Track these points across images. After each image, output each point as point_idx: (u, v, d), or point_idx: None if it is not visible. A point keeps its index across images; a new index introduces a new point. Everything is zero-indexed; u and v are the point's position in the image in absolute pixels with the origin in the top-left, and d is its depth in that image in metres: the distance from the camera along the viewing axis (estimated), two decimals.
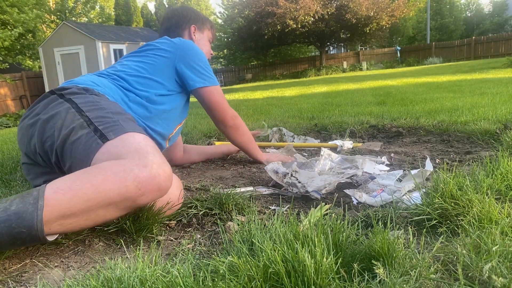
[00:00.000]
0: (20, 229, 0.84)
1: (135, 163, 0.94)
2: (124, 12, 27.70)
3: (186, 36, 1.71)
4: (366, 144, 2.18)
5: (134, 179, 0.92)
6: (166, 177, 0.98)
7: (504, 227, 0.83)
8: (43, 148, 1.12)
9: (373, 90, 6.15)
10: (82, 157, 1.03)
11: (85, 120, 1.09)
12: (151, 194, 0.96)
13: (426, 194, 1.05)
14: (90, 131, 1.06)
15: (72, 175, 0.94)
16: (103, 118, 1.10)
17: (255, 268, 0.71)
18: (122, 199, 0.92)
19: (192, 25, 1.71)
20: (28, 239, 0.86)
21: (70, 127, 1.08)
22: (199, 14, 1.77)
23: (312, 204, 1.24)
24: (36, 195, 0.87)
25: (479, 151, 1.82)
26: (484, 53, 19.97)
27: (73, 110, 1.13)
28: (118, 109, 1.21)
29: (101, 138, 1.04)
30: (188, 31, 1.71)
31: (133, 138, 1.05)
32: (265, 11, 18.41)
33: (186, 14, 1.72)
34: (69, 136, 1.07)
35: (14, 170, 1.96)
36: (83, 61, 14.62)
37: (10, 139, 3.60)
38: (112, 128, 1.07)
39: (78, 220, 0.91)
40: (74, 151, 1.05)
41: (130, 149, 1.00)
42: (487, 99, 3.47)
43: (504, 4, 30.39)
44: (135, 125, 1.16)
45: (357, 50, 25.00)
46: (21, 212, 0.85)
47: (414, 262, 0.72)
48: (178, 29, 1.70)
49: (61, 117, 1.11)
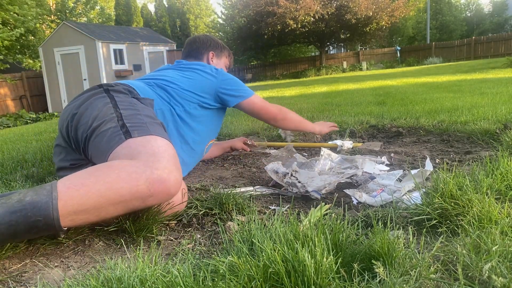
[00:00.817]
0: (36, 218, 0.87)
1: (148, 165, 0.98)
2: (125, 12, 27.69)
3: (205, 60, 1.86)
4: (366, 144, 2.18)
5: (145, 180, 0.95)
6: (176, 183, 1.01)
7: (504, 227, 0.83)
8: (76, 134, 1.22)
9: (373, 90, 6.15)
10: (104, 148, 1.10)
11: (117, 115, 1.17)
12: (159, 196, 0.99)
13: (426, 194, 1.05)
14: (118, 125, 1.13)
15: (84, 172, 0.97)
16: (133, 117, 1.18)
17: (255, 268, 0.71)
18: (132, 198, 0.95)
19: (211, 51, 1.87)
20: (44, 228, 0.89)
21: (103, 119, 1.16)
22: (218, 42, 1.93)
23: (312, 204, 1.24)
24: (49, 188, 0.90)
25: (479, 151, 1.82)
26: (484, 53, 19.96)
27: (111, 105, 1.22)
28: (151, 113, 1.29)
29: (125, 134, 1.10)
30: (207, 57, 1.86)
31: (155, 141, 1.10)
32: (265, 10, 18.40)
33: (206, 41, 1.88)
34: (98, 127, 1.15)
35: (14, 170, 1.96)
36: (83, 61, 14.61)
37: (10, 139, 3.60)
38: (138, 127, 1.13)
39: (88, 216, 0.94)
40: (98, 141, 1.13)
41: (148, 150, 1.05)
42: (487, 99, 3.47)
43: (504, 4, 30.38)
44: (162, 130, 1.22)
45: (357, 50, 24.99)
46: (36, 202, 0.87)
47: (414, 262, 0.72)
48: (199, 54, 1.86)
49: (98, 109, 1.21)
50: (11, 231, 0.86)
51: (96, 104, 1.23)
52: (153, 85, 1.55)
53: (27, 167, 1.99)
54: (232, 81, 1.72)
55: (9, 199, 0.88)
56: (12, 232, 0.86)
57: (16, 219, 0.85)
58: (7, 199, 0.89)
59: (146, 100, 1.37)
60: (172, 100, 1.53)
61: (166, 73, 1.65)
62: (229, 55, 1.99)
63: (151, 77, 1.62)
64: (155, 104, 1.44)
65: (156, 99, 1.47)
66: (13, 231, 0.86)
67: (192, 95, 1.59)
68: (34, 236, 0.92)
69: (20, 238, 0.91)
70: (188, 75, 1.64)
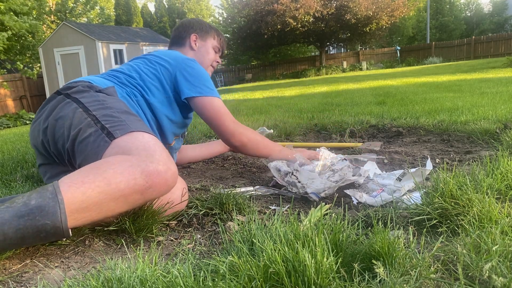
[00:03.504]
0: (44, 221, 0.87)
1: (142, 159, 0.98)
2: (125, 12, 27.71)
3: (187, 45, 1.74)
4: (366, 144, 2.18)
5: (141, 173, 0.96)
6: (172, 173, 1.02)
7: (504, 227, 0.83)
8: (56, 148, 1.18)
9: (373, 90, 6.15)
10: (92, 154, 1.08)
11: (92, 119, 1.14)
12: (158, 188, 0.99)
13: (426, 194, 1.05)
14: (98, 129, 1.10)
15: (82, 170, 0.97)
16: (110, 117, 1.14)
17: (255, 268, 0.71)
18: (131, 191, 0.95)
19: (193, 33, 1.74)
20: (52, 232, 0.88)
21: (78, 126, 1.12)
22: (204, 24, 1.79)
23: (312, 204, 1.24)
24: (53, 190, 0.90)
25: (479, 151, 1.82)
26: (484, 53, 19.96)
27: (80, 109, 1.17)
28: (125, 108, 1.24)
29: (108, 136, 1.08)
30: (189, 40, 1.74)
31: (142, 137, 1.09)
32: (265, 9, 18.40)
33: (189, 24, 1.76)
34: (77, 135, 1.12)
35: (14, 170, 1.96)
36: (83, 61, 14.62)
37: (10, 139, 3.60)
38: (118, 126, 1.11)
39: (91, 213, 0.94)
40: (84, 149, 1.10)
41: (138, 146, 1.04)
42: (487, 99, 3.47)
43: (504, 4, 30.38)
44: (142, 124, 1.20)
45: (357, 50, 24.99)
46: (43, 205, 0.87)
47: (414, 261, 0.72)
48: (180, 39, 1.75)
49: (69, 117, 1.16)
50: (19, 235, 0.85)
51: (64, 113, 1.18)
52: (112, 75, 1.47)
53: (27, 167, 1.99)
54: (195, 70, 1.52)
55: (13, 203, 0.88)
56: (20, 236, 0.86)
57: (24, 223, 0.85)
58: (11, 203, 0.88)
59: (109, 90, 1.31)
60: (130, 86, 1.44)
61: (127, 64, 1.55)
62: (218, 36, 1.80)
63: (111, 70, 1.54)
64: (118, 93, 1.36)
65: (116, 87, 1.39)
66: (21, 235, 0.86)
67: (151, 83, 1.47)
68: (41, 241, 0.91)
69: (27, 243, 0.90)
70: (146, 62, 1.53)
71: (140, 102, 1.44)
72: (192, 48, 1.73)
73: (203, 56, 1.73)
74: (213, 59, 1.79)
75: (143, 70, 1.51)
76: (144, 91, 1.46)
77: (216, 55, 1.80)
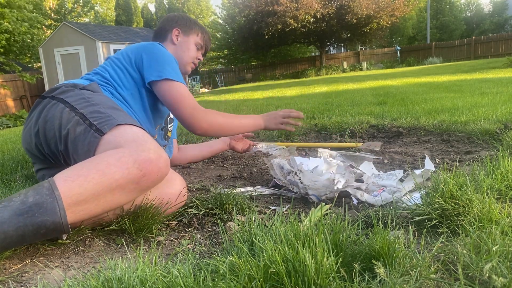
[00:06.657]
0: (43, 217, 0.88)
1: (133, 150, 1.00)
2: (125, 12, 27.71)
3: (168, 40, 1.71)
4: (366, 144, 2.18)
5: (134, 162, 0.98)
6: (164, 160, 1.03)
7: (504, 227, 0.83)
8: (50, 149, 1.19)
9: (373, 90, 6.15)
10: (84, 152, 1.09)
11: (80, 117, 1.14)
12: (152, 175, 1.00)
13: (426, 194, 1.05)
14: (86, 126, 1.11)
15: (77, 165, 1.00)
16: (97, 113, 1.15)
17: (255, 268, 0.71)
18: (127, 181, 0.97)
19: (175, 28, 1.71)
20: (52, 227, 0.90)
21: (67, 126, 1.13)
22: (188, 19, 1.76)
23: (312, 204, 1.24)
24: (49, 186, 0.91)
25: (479, 151, 1.82)
26: (484, 53, 19.95)
27: (68, 109, 1.18)
28: (111, 103, 1.25)
29: (97, 132, 1.09)
30: (171, 35, 1.71)
31: (130, 129, 1.11)
32: (266, 10, 18.39)
33: (173, 18, 1.73)
34: (68, 134, 1.12)
35: (14, 170, 1.96)
36: (83, 61, 14.61)
37: (10, 139, 3.60)
38: (105, 121, 1.12)
39: (89, 206, 0.95)
40: (76, 148, 1.11)
41: (128, 139, 1.06)
42: (487, 99, 3.47)
43: (504, 4, 30.39)
44: (128, 117, 1.21)
45: (357, 50, 24.98)
46: (41, 202, 0.89)
47: (414, 262, 0.72)
48: (162, 34, 1.72)
49: (57, 118, 1.16)
50: (20, 232, 0.86)
51: (52, 114, 1.18)
52: (88, 79, 1.45)
53: (27, 167, 1.99)
54: (155, 54, 1.46)
55: (11, 201, 0.89)
56: (21, 233, 0.86)
57: (24, 221, 0.86)
58: (8, 201, 0.89)
59: (92, 86, 1.32)
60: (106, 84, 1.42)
61: (99, 66, 1.54)
62: (202, 34, 1.75)
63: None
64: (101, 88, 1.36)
65: (97, 81, 1.39)
66: (22, 233, 0.86)
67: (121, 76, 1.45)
68: (41, 237, 0.92)
69: (28, 240, 0.90)
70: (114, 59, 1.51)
71: (118, 96, 1.44)
72: (173, 43, 1.70)
73: (183, 52, 1.70)
74: (194, 56, 1.75)
75: (112, 66, 1.49)
76: (117, 84, 1.45)
77: (198, 52, 1.76)
